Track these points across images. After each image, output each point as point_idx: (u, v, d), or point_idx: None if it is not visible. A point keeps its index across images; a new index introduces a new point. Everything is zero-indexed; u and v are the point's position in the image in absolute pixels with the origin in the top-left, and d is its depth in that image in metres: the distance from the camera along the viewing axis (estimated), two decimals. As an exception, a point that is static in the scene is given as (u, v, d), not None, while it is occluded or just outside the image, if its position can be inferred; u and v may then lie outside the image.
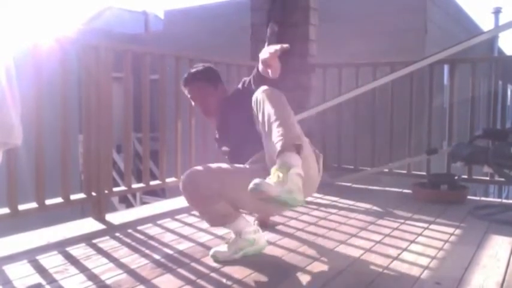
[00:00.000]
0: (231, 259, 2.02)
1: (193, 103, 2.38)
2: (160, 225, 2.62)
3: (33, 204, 2.41)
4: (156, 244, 2.28)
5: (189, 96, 2.37)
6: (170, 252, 2.15)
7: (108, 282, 1.79)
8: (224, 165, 2.04)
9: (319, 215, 2.91)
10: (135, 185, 3.10)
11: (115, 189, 2.92)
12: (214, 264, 1.99)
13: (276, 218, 2.73)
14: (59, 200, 2.54)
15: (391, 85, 3.79)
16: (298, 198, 1.65)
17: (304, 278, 1.87)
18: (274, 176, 1.66)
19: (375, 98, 3.88)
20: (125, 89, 2.87)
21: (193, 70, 2.37)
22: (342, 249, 2.24)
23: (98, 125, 2.67)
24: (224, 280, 1.83)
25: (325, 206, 3.20)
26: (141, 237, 2.40)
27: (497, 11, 11.33)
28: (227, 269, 1.92)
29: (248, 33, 4.13)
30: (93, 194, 2.69)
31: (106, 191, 2.74)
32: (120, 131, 2.91)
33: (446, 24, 8.26)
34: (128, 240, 2.33)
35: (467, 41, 3.48)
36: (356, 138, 3.97)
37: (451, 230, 2.58)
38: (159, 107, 3.08)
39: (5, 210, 2.28)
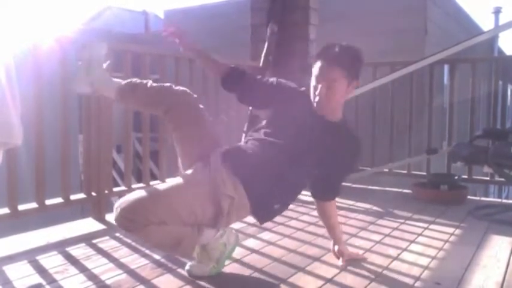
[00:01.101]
0: (214, 272, 1.85)
1: (313, 78, 1.86)
2: (160, 225, 2.62)
3: (33, 204, 2.41)
4: (156, 244, 2.27)
5: (315, 69, 1.85)
6: (170, 252, 2.15)
7: (108, 282, 1.79)
8: (159, 188, 1.76)
9: (319, 215, 2.91)
10: (135, 185, 3.10)
11: (115, 189, 2.92)
12: (214, 264, 1.99)
13: (276, 218, 2.72)
14: (59, 200, 2.53)
15: (391, 85, 3.79)
16: (230, 254, 1.92)
17: (305, 278, 1.86)
18: (199, 259, 1.84)
19: (375, 98, 3.88)
20: (124, 89, 2.86)
21: (341, 47, 1.87)
22: (342, 249, 2.24)
23: (98, 125, 2.67)
24: (224, 280, 1.83)
25: (325, 206, 3.20)
26: (141, 237, 2.40)
27: (497, 11, 11.32)
28: (227, 270, 1.92)
29: (248, 33, 4.13)
30: (93, 194, 2.69)
31: (106, 191, 2.74)
32: (120, 131, 2.91)
33: (446, 24, 8.25)
34: (128, 241, 2.32)
35: (467, 41, 3.48)
36: (356, 138, 3.96)
37: (451, 230, 2.58)
38: (159, 107, 3.07)
39: (5, 210, 2.28)
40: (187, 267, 1.88)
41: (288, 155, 1.80)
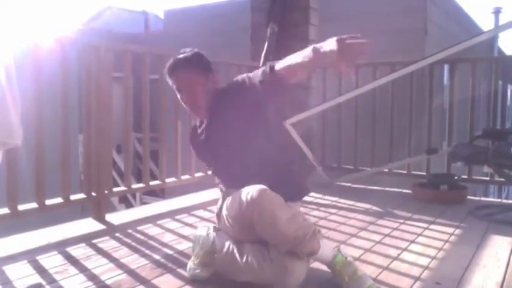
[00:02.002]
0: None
1: (178, 95, 1.95)
2: (160, 226, 2.62)
3: (33, 204, 2.41)
4: (156, 244, 2.28)
5: (174, 86, 1.96)
6: (170, 252, 2.15)
7: (108, 282, 1.79)
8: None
9: (319, 215, 2.91)
10: (135, 185, 3.10)
11: (115, 189, 2.92)
12: (214, 264, 1.99)
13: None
14: (59, 200, 2.53)
15: (391, 85, 3.79)
16: None
17: (304, 278, 1.86)
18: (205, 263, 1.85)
19: (375, 98, 3.88)
20: (125, 89, 2.87)
21: (179, 56, 1.97)
22: (342, 249, 2.23)
23: (98, 125, 2.67)
24: (224, 280, 1.83)
25: (325, 206, 3.20)
26: (141, 237, 2.40)
27: (497, 11, 11.33)
28: (227, 269, 1.92)
29: (248, 33, 4.13)
30: (93, 194, 2.69)
31: (106, 191, 2.74)
32: (120, 131, 2.91)
33: (446, 24, 8.26)
34: (128, 241, 2.33)
35: (467, 41, 3.47)
36: (356, 138, 3.97)
37: (451, 230, 2.58)
38: (159, 107, 3.08)
39: (5, 210, 2.28)
40: (191, 271, 1.86)
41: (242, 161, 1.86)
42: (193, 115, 2.03)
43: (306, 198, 3.15)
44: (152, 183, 3.13)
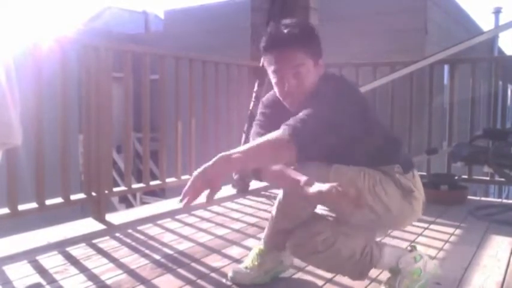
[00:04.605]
0: (257, 282, 1.77)
1: (272, 75, 1.56)
2: (160, 225, 2.62)
3: (33, 204, 2.41)
4: (156, 244, 2.28)
5: (272, 64, 1.53)
6: (170, 252, 2.15)
7: (108, 282, 1.79)
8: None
9: (319, 215, 2.91)
10: (135, 185, 3.10)
11: (115, 189, 2.92)
12: (214, 264, 1.99)
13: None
14: (59, 200, 2.53)
15: (391, 85, 3.79)
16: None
17: (304, 278, 1.86)
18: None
19: (375, 98, 3.88)
20: (125, 89, 2.87)
21: (286, 29, 1.52)
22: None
23: (98, 125, 2.67)
24: (224, 280, 1.83)
25: (325, 206, 3.20)
26: (141, 237, 2.40)
27: (497, 11, 11.33)
28: (227, 270, 1.92)
29: (248, 33, 4.13)
30: (93, 194, 2.69)
31: (106, 191, 2.74)
32: (120, 131, 2.91)
33: (446, 24, 8.26)
34: (128, 240, 2.33)
35: (467, 41, 3.48)
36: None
37: (451, 230, 2.58)
38: (159, 107, 3.08)
39: (5, 210, 2.28)
40: (230, 274, 1.82)
41: None
42: (285, 102, 1.60)
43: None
44: (152, 183, 3.13)
